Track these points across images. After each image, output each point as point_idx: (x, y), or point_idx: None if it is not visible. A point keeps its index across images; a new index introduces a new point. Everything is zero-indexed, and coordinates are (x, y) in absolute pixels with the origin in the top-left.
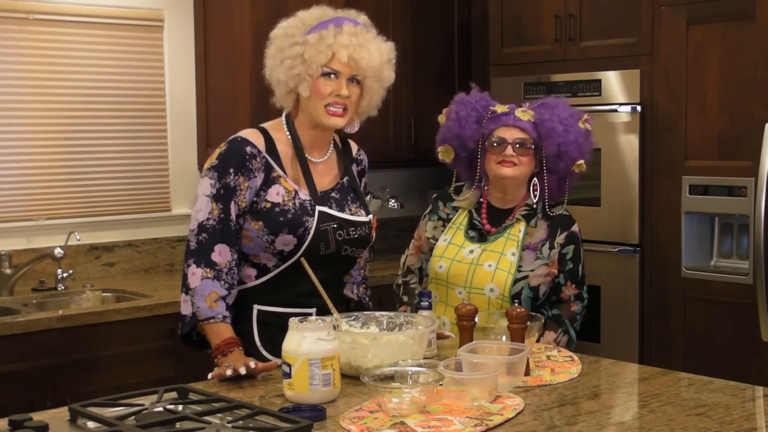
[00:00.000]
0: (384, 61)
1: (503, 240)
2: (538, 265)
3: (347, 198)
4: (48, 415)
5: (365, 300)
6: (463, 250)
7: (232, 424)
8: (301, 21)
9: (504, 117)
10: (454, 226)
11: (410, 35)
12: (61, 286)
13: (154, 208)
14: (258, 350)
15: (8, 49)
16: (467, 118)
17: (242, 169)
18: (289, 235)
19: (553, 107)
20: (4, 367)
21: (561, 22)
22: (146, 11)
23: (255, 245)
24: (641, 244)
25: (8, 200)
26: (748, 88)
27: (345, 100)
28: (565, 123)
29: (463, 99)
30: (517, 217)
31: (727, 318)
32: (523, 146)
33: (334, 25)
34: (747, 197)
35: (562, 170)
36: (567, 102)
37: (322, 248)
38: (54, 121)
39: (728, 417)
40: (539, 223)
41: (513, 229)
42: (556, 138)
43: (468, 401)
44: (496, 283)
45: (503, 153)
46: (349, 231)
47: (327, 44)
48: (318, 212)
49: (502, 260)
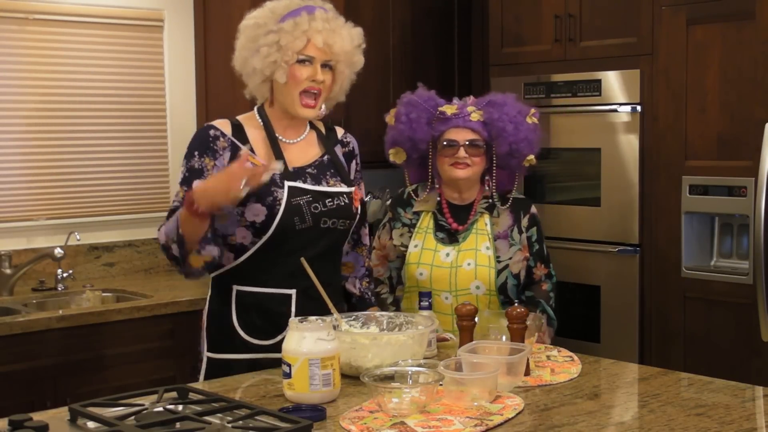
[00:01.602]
0: (355, 46)
1: (473, 236)
2: (515, 251)
3: (326, 173)
4: (48, 415)
5: (367, 295)
6: (439, 254)
7: (232, 424)
8: (271, 11)
9: (454, 118)
10: (421, 231)
11: (410, 35)
12: (61, 286)
13: (154, 208)
14: (236, 331)
15: (8, 49)
16: (418, 120)
17: (207, 151)
18: (257, 203)
19: (501, 105)
20: (4, 367)
21: (561, 22)
22: (146, 11)
23: (231, 222)
24: (641, 244)
25: (8, 200)
26: (748, 88)
27: (320, 85)
28: (514, 121)
29: (412, 100)
30: (480, 211)
31: (727, 318)
32: (474, 146)
33: (306, 12)
34: (747, 197)
35: (513, 166)
36: (514, 97)
37: (297, 222)
38: (54, 121)
39: (728, 417)
40: (501, 212)
41: (479, 224)
42: (507, 137)
43: (468, 401)
44: (480, 280)
45: (456, 155)
46: (326, 203)
47: (302, 30)
48: (288, 187)
49: (479, 257)
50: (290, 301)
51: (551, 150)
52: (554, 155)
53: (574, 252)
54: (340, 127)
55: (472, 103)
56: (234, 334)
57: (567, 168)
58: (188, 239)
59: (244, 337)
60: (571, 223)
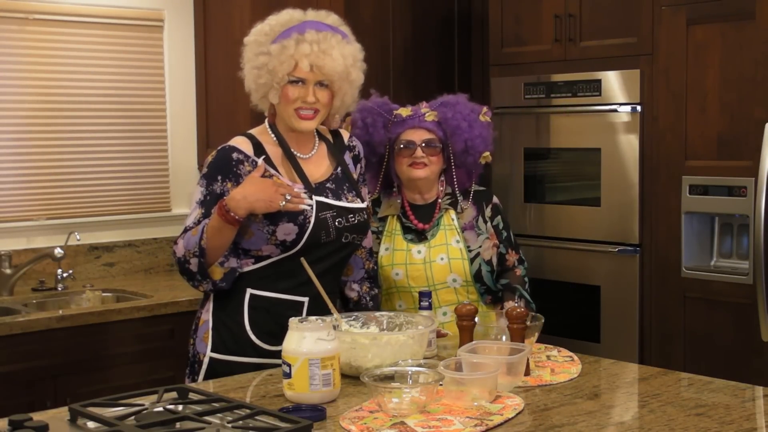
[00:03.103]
0: (349, 65)
1: (442, 232)
2: (483, 240)
3: (343, 188)
4: (48, 415)
5: (365, 300)
6: (411, 252)
7: (232, 424)
8: (270, 27)
9: (410, 120)
10: (389, 234)
11: (410, 36)
12: (61, 286)
13: (154, 208)
14: (246, 333)
15: (8, 49)
16: (374, 124)
17: (230, 175)
18: (290, 223)
19: (454, 105)
20: (4, 367)
21: (561, 22)
22: (146, 11)
23: (257, 238)
24: (641, 244)
25: (8, 200)
26: (748, 88)
27: (313, 104)
28: (468, 119)
29: (366, 106)
30: (444, 207)
31: (727, 318)
32: (431, 146)
33: (296, 33)
34: (747, 197)
35: (470, 164)
36: (466, 97)
37: (323, 236)
38: (54, 121)
39: (728, 417)
40: (464, 206)
41: (445, 219)
42: (461, 135)
43: (468, 401)
44: (456, 273)
45: (413, 155)
46: (348, 218)
47: (288, 54)
48: (316, 201)
49: (450, 250)
50: (302, 308)
51: (551, 150)
52: (554, 155)
53: (574, 252)
54: (344, 131)
55: (426, 105)
56: (243, 337)
57: (567, 168)
58: (211, 252)
59: (253, 341)
60: (571, 223)
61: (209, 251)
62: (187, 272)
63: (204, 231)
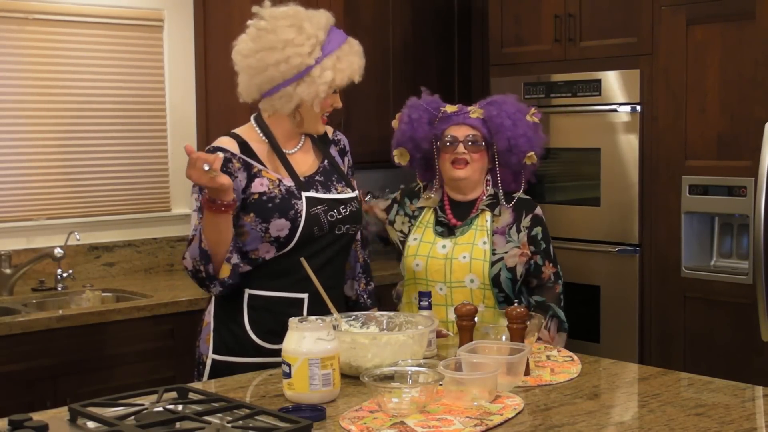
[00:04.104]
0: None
1: (472, 232)
2: (511, 247)
3: (331, 179)
4: (48, 415)
5: (363, 298)
6: (436, 246)
7: (232, 424)
8: (306, 35)
9: (454, 116)
10: (421, 225)
11: (410, 36)
12: (61, 286)
13: (154, 208)
14: (247, 334)
15: (8, 49)
16: (419, 120)
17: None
18: (281, 219)
19: (500, 104)
20: (4, 367)
21: (561, 22)
22: (146, 11)
23: (252, 238)
24: (641, 244)
25: (8, 200)
26: (748, 88)
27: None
28: (513, 117)
29: (415, 102)
30: (482, 208)
31: (727, 318)
32: (474, 143)
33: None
34: (747, 197)
35: (514, 164)
36: (515, 98)
37: (316, 231)
38: (54, 121)
39: (728, 417)
40: (503, 210)
41: (479, 220)
42: (505, 132)
43: (468, 401)
44: (474, 273)
45: (455, 151)
46: (339, 209)
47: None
48: (305, 198)
49: (474, 250)
50: (302, 305)
51: (551, 150)
52: (554, 155)
53: (574, 252)
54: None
55: (475, 104)
56: (244, 337)
57: (567, 168)
58: (214, 248)
59: (254, 340)
60: (571, 223)
61: (212, 249)
62: (200, 280)
63: (201, 234)
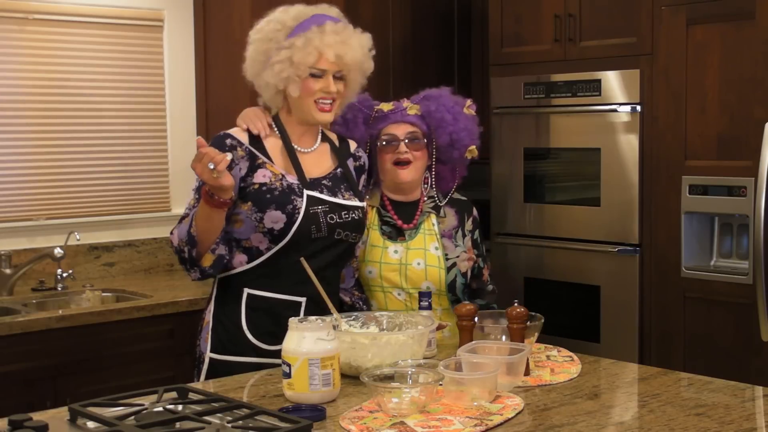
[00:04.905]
0: (365, 53)
1: (421, 236)
2: (460, 251)
3: (340, 186)
4: (48, 415)
5: (358, 304)
6: (387, 251)
7: (232, 424)
8: (281, 23)
9: (391, 114)
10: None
11: (410, 35)
12: (61, 286)
13: (154, 208)
14: (244, 333)
15: (8, 49)
16: (354, 120)
17: None
18: (277, 211)
19: (437, 98)
20: (4, 367)
21: (561, 22)
22: (146, 11)
23: (246, 227)
24: (641, 244)
25: (8, 200)
26: (748, 88)
27: (333, 95)
28: (452, 111)
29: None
30: (426, 211)
31: (727, 318)
32: (415, 141)
33: (316, 26)
34: (747, 197)
35: (455, 159)
36: (449, 91)
37: (313, 231)
38: (54, 121)
39: (728, 417)
40: (447, 211)
41: (426, 224)
42: (446, 127)
43: (468, 401)
44: (431, 281)
45: (397, 150)
46: (341, 214)
47: (314, 46)
48: (307, 195)
49: (428, 257)
50: (300, 309)
51: (551, 150)
52: (554, 155)
53: (574, 252)
54: (353, 141)
55: (408, 100)
56: (241, 337)
57: (567, 168)
58: (202, 236)
59: (251, 340)
60: (571, 223)
61: (200, 236)
62: (182, 260)
63: (193, 218)
